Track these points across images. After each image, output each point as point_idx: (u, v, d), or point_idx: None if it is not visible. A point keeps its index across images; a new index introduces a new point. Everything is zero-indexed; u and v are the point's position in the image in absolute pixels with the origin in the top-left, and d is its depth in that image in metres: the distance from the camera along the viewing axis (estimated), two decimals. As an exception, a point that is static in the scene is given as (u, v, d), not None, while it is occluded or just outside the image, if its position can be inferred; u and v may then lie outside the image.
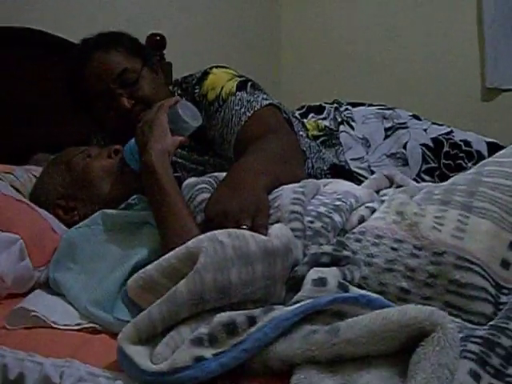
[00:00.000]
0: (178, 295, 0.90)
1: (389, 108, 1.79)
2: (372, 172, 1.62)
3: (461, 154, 1.67)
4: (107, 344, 1.05)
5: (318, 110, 1.78)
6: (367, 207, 1.19)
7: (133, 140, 1.35)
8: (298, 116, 1.74)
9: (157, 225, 1.21)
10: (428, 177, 1.66)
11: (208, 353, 0.86)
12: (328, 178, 1.56)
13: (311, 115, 1.77)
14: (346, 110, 1.77)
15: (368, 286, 1.02)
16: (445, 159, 1.67)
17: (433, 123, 1.75)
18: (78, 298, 1.17)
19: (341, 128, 1.72)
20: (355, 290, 0.97)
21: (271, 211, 1.14)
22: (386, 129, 1.72)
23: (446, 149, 1.68)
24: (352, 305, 0.89)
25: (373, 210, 1.17)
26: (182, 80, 1.62)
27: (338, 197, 1.20)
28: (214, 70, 1.57)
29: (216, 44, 2.86)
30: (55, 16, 2.10)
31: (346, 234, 1.12)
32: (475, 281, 0.97)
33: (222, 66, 1.61)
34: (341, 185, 1.31)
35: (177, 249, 0.96)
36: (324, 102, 1.81)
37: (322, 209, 1.15)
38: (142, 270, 0.97)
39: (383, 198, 1.22)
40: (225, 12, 2.94)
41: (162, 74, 1.63)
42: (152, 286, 0.95)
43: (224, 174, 1.26)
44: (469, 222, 1.03)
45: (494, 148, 1.63)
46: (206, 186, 1.25)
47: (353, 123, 1.73)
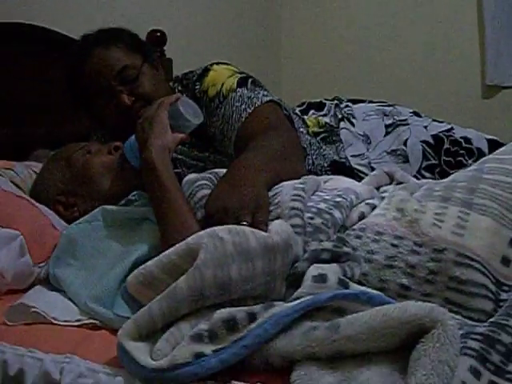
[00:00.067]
0: (178, 291, 0.90)
1: (389, 105, 1.78)
2: (372, 169, 1.61)
3: (461, 151, 1.67)
4: (107, 340, 1.05)
5: (319, 107, 1.78)
6: (367, 204, 1.19)
7: (133, 137, 1.35)
8: (299, 113, 1.73)
9: (157, 221, 1.21)
10: (428, 174, 1.66)
11: (208, 349, 0.86)
12: (328, 175, 1.56)
13: (312, 112, 1.76)
14: (347, 107, 1.76)
15: (368, 283, 1.02)
16: (445, 156, 1.67)
17: (433, 120, 1.74)
18: (78, 294, 1.17)
19: (341, 125, 1.71)
20: (355, 287, 0.97)
21: (271, 207, 1.14)
22: (387, 125, 1.72)
23: (447, 146, 1.68)
24: (352, 301, 0.89)
25: (373, 207, 1.17)
26: (183, 76, 1.62)
27: (339, 193, 1.20)
28: (215, 67, 1.57)
29: (216, 41, 2.86)
30: (55, 12, 2.10)
31: (347, 231, 1.12)
32: (475, 278, 0.97)
33: (223, 63, 1.60)
34: (341, 181, 1.31)
35: (177, 245, 0.96)
36: (324, 99, 1.81)
37: (323, 205, 1.15)
38: (142, 266, 0.97)
39: (383, 195, 1.22)
40: (225, 10, 2.94)
41: (163, 71, 1.62)
42: (152, 282, 0.95)
43: (224, 171, 1.26)
44: (469, 219, 1.03)
45: (495, 145, 1.62)
46: (207, 183, 1.25)
47: (353, 120, 1.73)
